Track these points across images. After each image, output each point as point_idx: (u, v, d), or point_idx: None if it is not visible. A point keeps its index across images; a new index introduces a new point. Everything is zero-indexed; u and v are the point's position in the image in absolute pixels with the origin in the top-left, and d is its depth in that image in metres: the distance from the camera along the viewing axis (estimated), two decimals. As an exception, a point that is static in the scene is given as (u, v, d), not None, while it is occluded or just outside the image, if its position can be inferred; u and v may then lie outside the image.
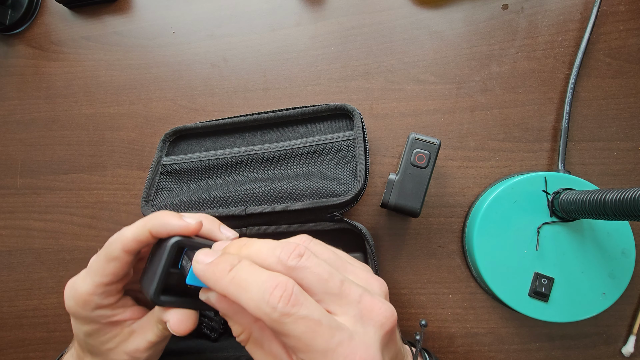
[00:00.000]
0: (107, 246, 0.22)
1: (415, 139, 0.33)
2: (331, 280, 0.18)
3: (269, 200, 0.34)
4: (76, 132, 0.45)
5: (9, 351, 0.43)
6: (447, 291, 0.36)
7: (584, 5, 0.37)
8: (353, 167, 0.34)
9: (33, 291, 0.43)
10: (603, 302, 0.31)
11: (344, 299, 0.18)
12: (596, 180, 0.35)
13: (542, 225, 0.32)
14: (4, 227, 0.45)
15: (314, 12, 0.42)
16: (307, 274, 0.18)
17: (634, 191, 0.23)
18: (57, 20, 0.47)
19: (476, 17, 0.39)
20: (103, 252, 0.22)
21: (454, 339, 0.36)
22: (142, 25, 0.45)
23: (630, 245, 0.31)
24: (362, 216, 0.38)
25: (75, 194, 0.44)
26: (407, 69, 0.39)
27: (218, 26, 0.44)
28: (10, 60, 0.48)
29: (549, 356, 0.34)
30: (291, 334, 0.16)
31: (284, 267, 0.18)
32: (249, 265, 0.18)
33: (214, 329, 0.36)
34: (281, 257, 0.18)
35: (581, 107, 0.36)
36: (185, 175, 0.39)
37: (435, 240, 0.37)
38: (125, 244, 0.21)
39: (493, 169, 0.37)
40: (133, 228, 0.21)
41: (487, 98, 0.38)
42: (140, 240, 0.21)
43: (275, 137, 0.39)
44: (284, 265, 0.18)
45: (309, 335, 0.16)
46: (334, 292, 0.18)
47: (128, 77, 0.45)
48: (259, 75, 0.42)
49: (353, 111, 0.36)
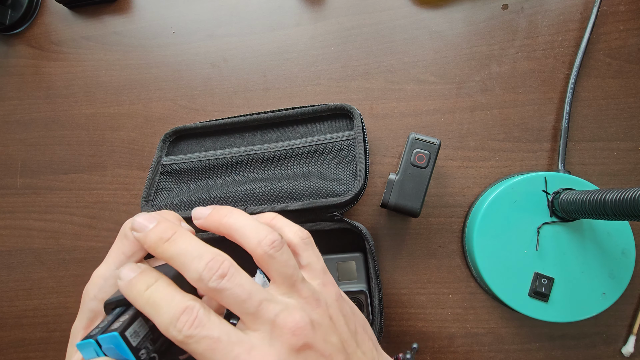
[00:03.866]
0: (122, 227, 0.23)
1: (415, 139, 0.33)
2: (249, 301, 0.19)
3: (269, 200, 0.34)
4: (76, 132, 0.45)
5: (9, 351, 0.43)
6: (447, 291, 0.36)
7: (584, 5, 0.37)
8: (353, 167, 0.34)
9: (33, 291, 0.43)
10: (603, 302, 0.31)
11: (259, 318, 0.19)
12: (596, 180, 0.35)
13: (542, 225, 0.32)
14: (4, 227, 0.45)
15: (314, 12, 0.42)
16: (225, 295, 0.19)
17: (634, 191, 0.23)
18: (57, 20, 0.47)
19: (476, 17, 0.39)
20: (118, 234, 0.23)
21: (454, 339, 0.36)
22: (142, 25, 0.45)
23: (630, 245, 0.31)
24: (362, 216, 0.38)
25: (75, 194, 0.44)
26: (407, 69, 0.39)
27: (218, 26, 0.44)
28: (10, 60, 0.48)
29: (549, 356, 0.34)
30: (195, 352, 0.18)
31: (204, 287, 0.19)
32: (164, 286, 0.20)
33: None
34: (203, 276, 0.19)
35: (581, 107, 0.36)
36: (185, 175, 0.39)
37: (435, 240, 0.37)
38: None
39: (493, 169, 0.37)
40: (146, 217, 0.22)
41: (487, 98, 0.38)
42: None
43: (275, 137, 0.39)
44: (205, 285, 0.19)
45: (208, 352, 0.18)
46: (251, 312, 0.19)
47: (128, 77, 0.45)
48: (259, 75, 0.42)
49: (353, 111, 0.36)
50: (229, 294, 0.19)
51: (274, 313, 0.19)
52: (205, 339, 0.18)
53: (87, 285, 0.23)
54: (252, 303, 0.19)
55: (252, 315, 0.19)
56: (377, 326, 0.32)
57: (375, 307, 0.32)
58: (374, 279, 0.33)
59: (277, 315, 0.19)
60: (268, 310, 0.19)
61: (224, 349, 0.18)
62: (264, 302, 0.19)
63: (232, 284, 0.19)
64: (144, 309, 0.19)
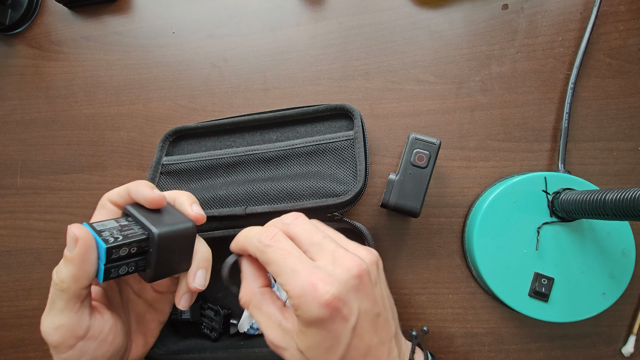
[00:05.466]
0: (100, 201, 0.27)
1: (415, 139, 0.33)
2: (315, 235, 0.24)
3: (269, 200, 0.34)
4: (76, 132, 0.45)
5: (9, 351, 0.43)
6: (447, 291, 0.36)
7: (584, 5, 0.37)
8: (353, 167, 0.34)
9: (33, 291, 0.43)
10: (603, 302, 0.31)
11: (322, 248, 0.23)
12: (596, 180, 0.35)
13: (542, 225, 0.32)
14: (4, 227, 0.45)
15: (314, 12, 0.42)
16: (297, 229, 0.24)
17: (634, 191, 0.23)
18: (57, 20, 0.47)
19: (476, 17, 0.39)
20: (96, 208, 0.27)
21: (454, 339, 0.36)
22: (142, 25, 0.45)
23: (630, 245, 0.31)
24: (362, 216, 0.38)
25: (75, 194, 0.44)
26: (407, 69, 0.39)
27: (218, 26, 0.44)
28: (10, 60, 0.48)
29: (549, 356, 0.34)
30: (271, 260, 0.22)
31: (282, 224, 0.25)
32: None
33: (214, 329, 0.36)
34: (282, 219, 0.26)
35: (581, 107, 0.36)
36: (185, 175, 0.39)
37: (435, 240, 0.37)
38: (110, 196, 0.27)
39: (493, 169, 0.37)
40: (118, 188, 0.27)
41: (487, 98, 0.38)
42: (121, 195, 0.26)
43: (275, 137, 0.39)
44: (283, 223, 0.25)
45: (282, 260, 0.22)
46: (316, 242, 0.23)
47: (128, 77, 0.45)
48: (259, 75, 0.42)
49: (353, 111, 0.36)
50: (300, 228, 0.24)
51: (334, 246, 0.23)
52: (280, 249, 0.22)
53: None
54: (317, 236, 0.24)
55: (317, 245, 0.23)
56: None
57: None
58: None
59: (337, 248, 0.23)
60: (330, 243, 0.23)
61: (295, 260, 0.22)
62: (327, 237, 0.24)
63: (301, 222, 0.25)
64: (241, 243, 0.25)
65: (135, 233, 0.23)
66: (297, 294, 0.21)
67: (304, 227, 0.24)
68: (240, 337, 0.36)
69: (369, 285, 0.22)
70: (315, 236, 0.24)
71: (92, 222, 0.24)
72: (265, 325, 0.24)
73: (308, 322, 0.21)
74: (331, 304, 0.20)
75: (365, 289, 0.22)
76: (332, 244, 0.23)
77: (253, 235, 0.24)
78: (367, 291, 0.22)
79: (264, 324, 0.24)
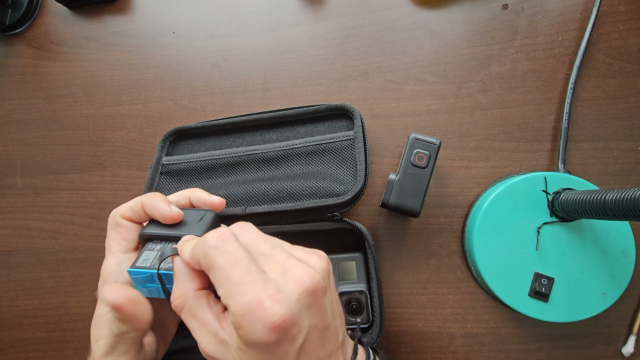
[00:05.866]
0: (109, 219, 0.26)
1: (415, 139, 0.33)
2: (264, 244, 0.22)
3: (268, 200, 0.34)
4: (76, 132, 0.45)
5: (9, 351, 0.43)
6: (447, 291, 0.36)
7: (584, 5, 0.37)
8: (353, 167, 0.34)
9: (33, 291, 0.43)
10: (603, 302, 0.31)
11: (272, 259, 0.21)
12: (596, 180, 0.35)
13: (542, 225, 0.32)
14: (4, 227, 0.45)
15: (314, 12, 0.42)
16: (244, 237, 0.22)
17: (634, 191, 0.23)
18: (57, 20, 0.47)
19: (476, 17, 0.39)
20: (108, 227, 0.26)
21: (454, 339, 0.36)
22: (142, 25, 0.45)
23: (630, 245, 0.31)
24: (362, 216, 0.38)
25: (75, 194, 0.44)
26: (407, 69, 0.39)
27: (218, 26, 0.44)
28: (10, 60, 0.48)
29: (549, 356, 0.34)
30: (215, 266, 0.20)
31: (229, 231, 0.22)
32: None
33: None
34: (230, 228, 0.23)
35: (581, 107, 0.36)
36: (185, 175, 0.39)
37: (435, 240, 0.37)
38: (122, 211, 0.25)
39: (493, 169, 0.37)
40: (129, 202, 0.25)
41: (487, 98, 0.38)
42: (135, 210, 0.25)
43: (275, 137, 0.38)
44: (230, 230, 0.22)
45: (228, 267, 0.19)
46: (265, 252, 0.21)
47: (128, 77, 0.45)
48: (259, 75, 0.42)
49: (353, 111, 0.36)
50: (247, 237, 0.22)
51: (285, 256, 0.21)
52: (228, 253, 0.20)
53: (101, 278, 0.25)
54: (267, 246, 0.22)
55: (266, 255, 0.21)
56: (377, 326, 0.32)
57: (375, 307, 0.32)
58: (374, 279, 0.32)
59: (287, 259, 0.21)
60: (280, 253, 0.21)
61: (244, 269, 0.19)
62: (276, 247, 0.22)
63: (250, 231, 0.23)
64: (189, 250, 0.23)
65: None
66: (241, 312, 0.18)
67: (251, 235, 0.22)
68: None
69: (321, 298, 0.20)
70: (264, 246, 0.21)
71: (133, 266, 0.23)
72: (199, 334, 0.21)
73: (250, 344, 0.19)
74: (279, 327, 0.18)
75: (317, 302, 0.20)
76: (282, 254, 0.21)
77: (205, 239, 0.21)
78: (319, 304, 0.20)
79: (198, 332, 0.21)
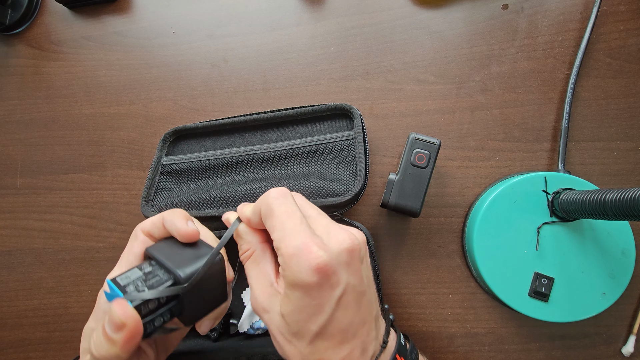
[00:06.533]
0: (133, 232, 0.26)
1: (415, 139, 0.33)
2: (312, 209, 0.24)
3: (269, 200, 0.34)
4: (76, 132, 0.45)
5: (9, 351, 0.43)
6: (447, 291, 0.36)
7: (584, 5, 0.37)
8: (353, 167, 0.34)
9: (33, 291, 0.43)
10: (603, 302, 0.31)
11: (318, 221, 0.23)
12: (596, 180, 0.35)
13: (542, 225, 0.32)
14: (4, 227, 0.45)
15: (314, 12, 0.42)
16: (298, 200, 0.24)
17: (634, 191, 0.23)
18: (57, 20, 0.47)
19: (476, 17, 0.39)
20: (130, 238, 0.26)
21: (454, 339, 0.36)
22: (142, 25, 0.45)
23: (630, 245, 0.31)
24: (362, 216, 0.38)
25: (75, 194, 0.44)
26: (407, 69, 0.39)
27: (218, 26, 0.44)
28: (10, 60, 0.48)
29: (549, 356, 0.34)
30: (274, 213, 0.22)
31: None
32: None
33: (214, 328, 0.36)
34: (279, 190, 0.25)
35: (581, 107, 0.36)
36: (185, 175, 0.39)
37: (435, 240, 0.37)
38: (144, 226, 0.26)
39: (493, 169, 0.37)
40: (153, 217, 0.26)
41: (487, 98, 0.38)
42: (155, 225, 0.26)
43: (275, 137, 0.39)
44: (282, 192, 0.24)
45: (285, 216, 0.22)
46: (312, 215, 0.24)
47: (128, 77, 0.45)
48: (259, 75, 0.42)
49: (353, 111, 0.36)
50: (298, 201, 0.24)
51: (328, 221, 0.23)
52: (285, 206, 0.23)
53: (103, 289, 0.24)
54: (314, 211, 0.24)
55: (312, 218, 0.23)
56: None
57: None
58: (374, 279, 0.32)
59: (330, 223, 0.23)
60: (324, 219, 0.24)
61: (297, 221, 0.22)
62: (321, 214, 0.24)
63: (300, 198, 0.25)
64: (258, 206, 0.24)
65: (161, 280, 0.22)
66: (290, 253, 0.21)
67: (301, 202, 0.25)
68: (240, 337, 0.36)
69: (358, 262, 0.22)
70: (312, 210, 0.24)
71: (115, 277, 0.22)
72: (257, 282, 0.23)
73: (294, 284, 0.21)
74: (322, 270, 0.20)
75: (355, 264, 0.22)
76: (326, 219, 0.24)
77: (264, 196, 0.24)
78: (356, 267, 0.22)
79: (256, 281, 0.24)
